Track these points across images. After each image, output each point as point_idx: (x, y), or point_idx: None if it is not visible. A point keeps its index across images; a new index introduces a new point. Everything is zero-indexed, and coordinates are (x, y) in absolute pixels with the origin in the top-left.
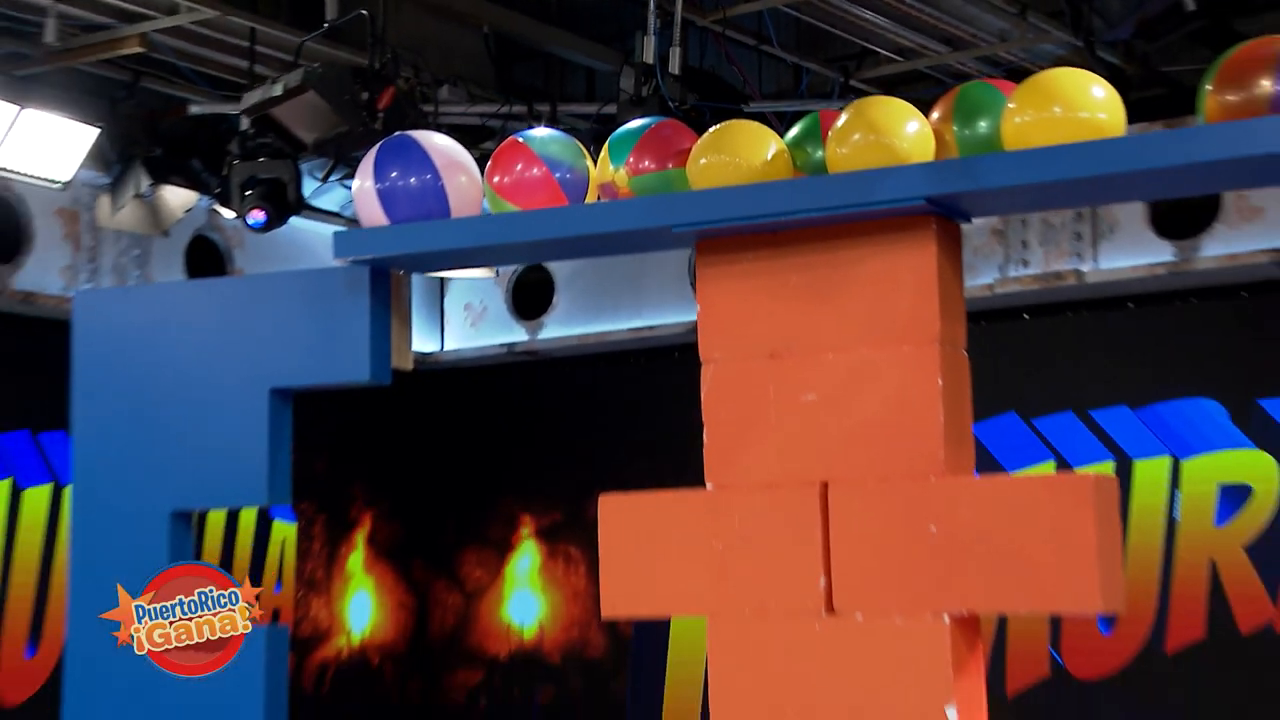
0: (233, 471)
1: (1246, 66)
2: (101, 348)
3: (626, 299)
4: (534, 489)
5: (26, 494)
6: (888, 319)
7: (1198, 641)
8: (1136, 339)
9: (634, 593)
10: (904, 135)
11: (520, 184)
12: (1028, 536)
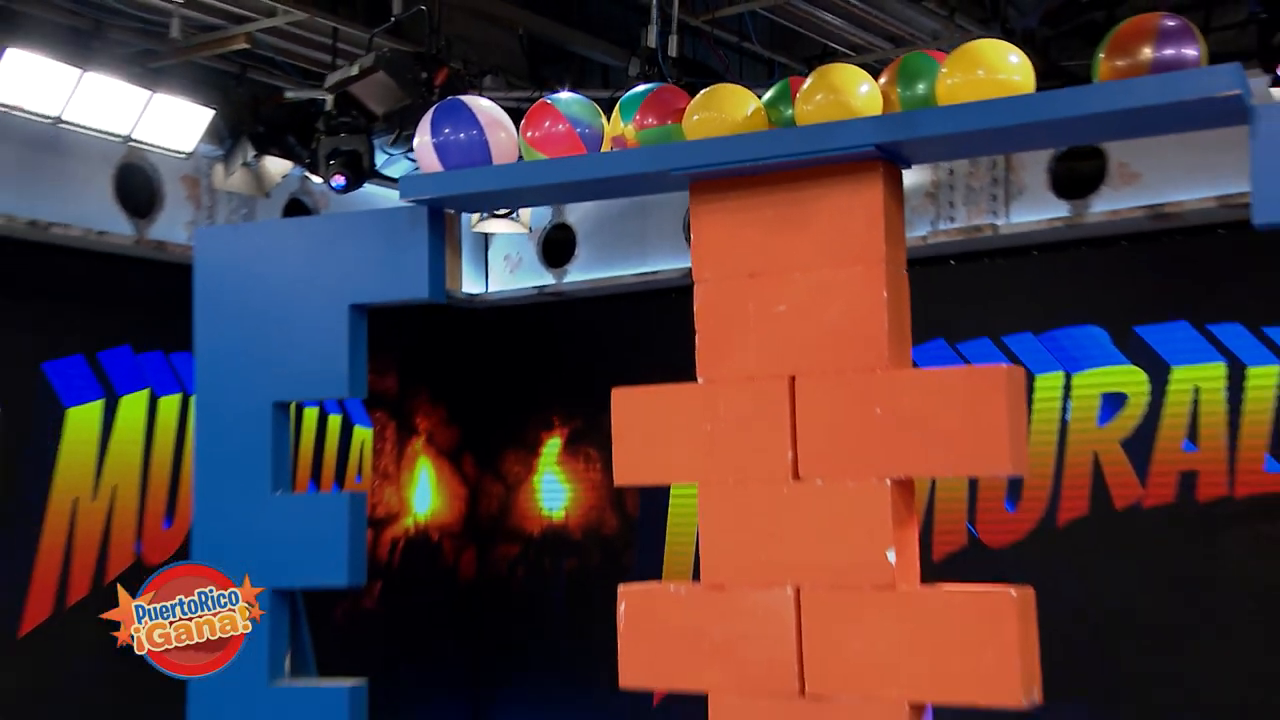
0: (321, 370)
1: (1131, 38)
2: (216, 275)
3: (634, 250)
4: (559, 402)
5: (161, 401)
6: (843, 244)
7: (1083, 516)
8: (1039, 279)
9: (640, 465)
10: (857, 95)
11: (548, 137)
12: (953, 415)
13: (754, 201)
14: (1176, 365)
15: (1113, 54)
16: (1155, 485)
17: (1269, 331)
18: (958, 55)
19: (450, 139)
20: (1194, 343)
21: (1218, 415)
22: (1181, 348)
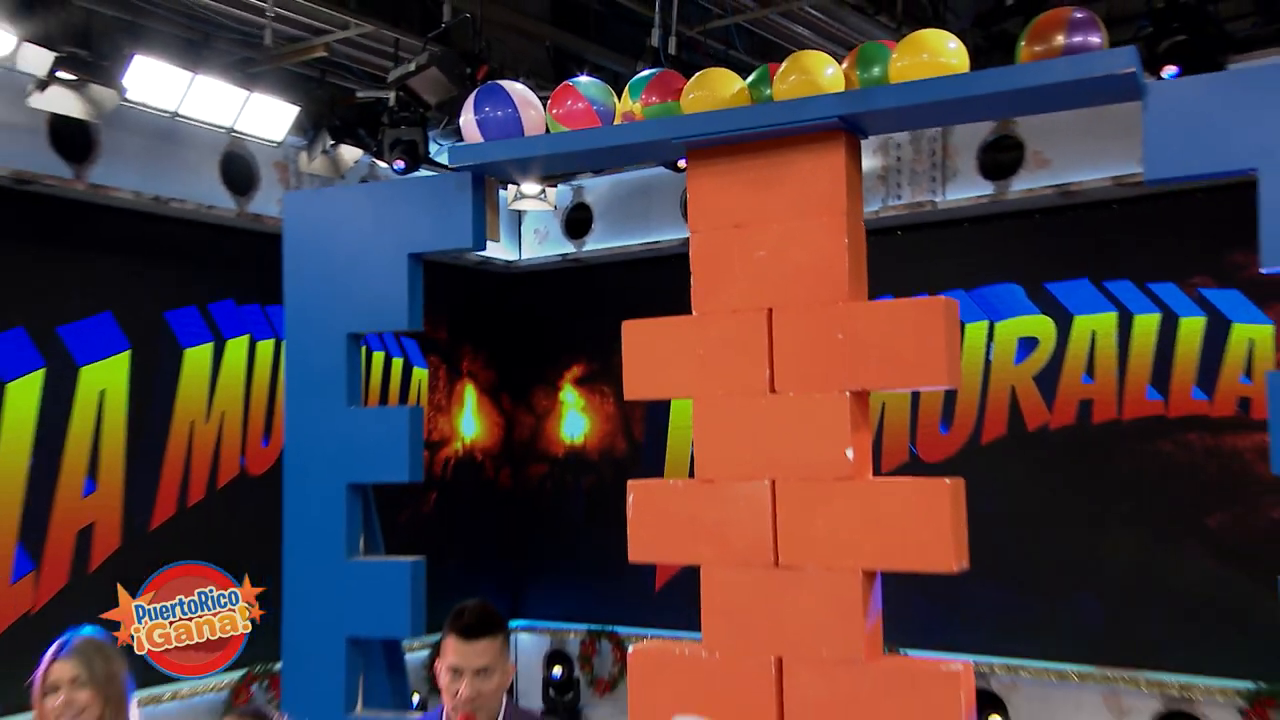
0: (386, 307)
1: (1047, 27)
2: (302, 231)
3: (639, 224)
4: (578, 348)
5: (259, 344)
6: (812, 200)
7: (1002, 436)
8: (968, 246)
9: (645, 384)
10: (824, 75)
11: (570, 114)
12: (901, 338)
13: (739, 165)
14: (1077, 315)
15: (1032, 41)
16: (1060, 411)
17: (1151, 286)
18: (906, 42)
19: (489, 116)
20: (1091, 296)
21: (1109, 355)
22: (1081, 300)
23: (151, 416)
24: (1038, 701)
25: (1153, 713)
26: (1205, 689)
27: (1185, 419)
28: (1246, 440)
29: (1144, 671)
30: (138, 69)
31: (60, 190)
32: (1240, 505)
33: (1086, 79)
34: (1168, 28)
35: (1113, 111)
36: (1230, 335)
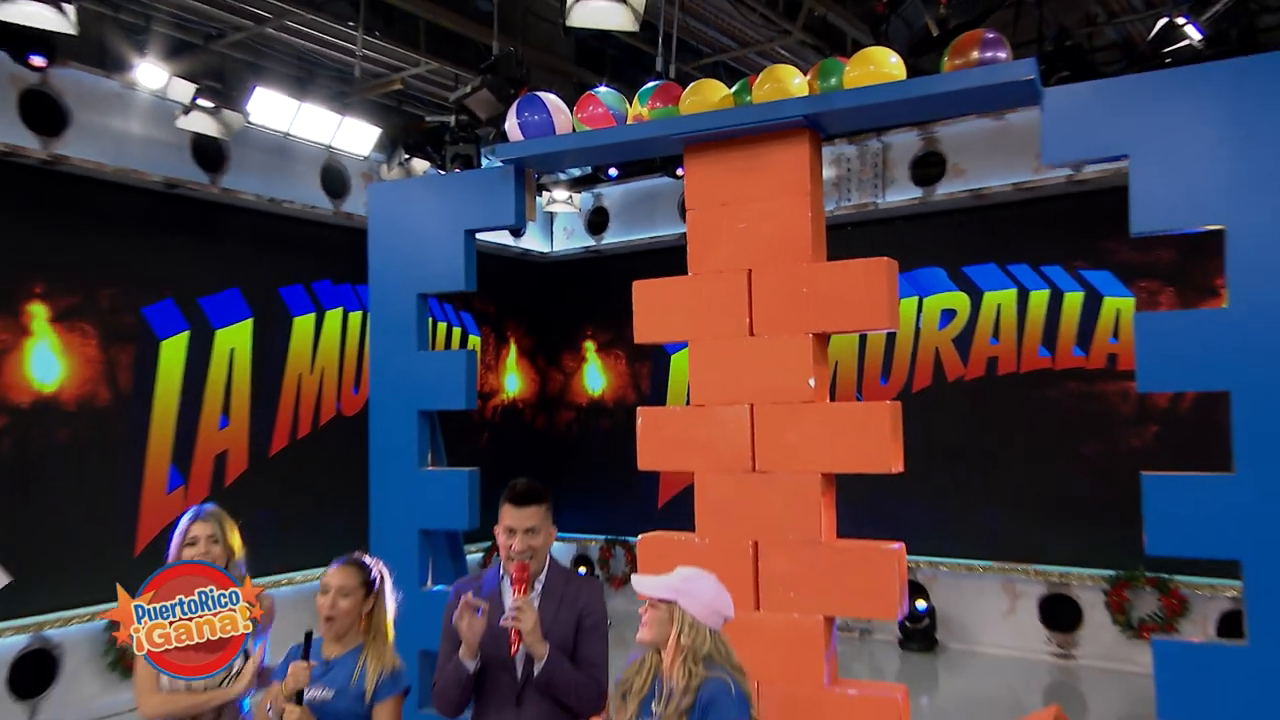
0: (447, 272)
1: (965, 45)
2: (383, 213)
3: (645, 223)
4: (598, 321)
5: (350, 314)
6: (782, 182)
7: (928, 385)
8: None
9: (651, 330)
10: (792, 84)
11: (591, 117)
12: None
13: (725, 156)
14: (986, 291)
15: (953, 56)
16: (972, 366)
17: (1043, 269)
18: (857, 58)
19: (528, 119)
20: (997, 276)
21: (1011, 322)
22: (989, 280)
23: (269, 369)
24: (952, 589)
25: (1038, 595)
26: (1078, 576)
27: (1067, 371)
28: (1113, 387)
29: (1032, 564)
30: (258, 98)
31: (200, 193)
32: (1107, 436)
33: (996, 84)
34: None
35: (1013, 132)
36: (1102, 306)
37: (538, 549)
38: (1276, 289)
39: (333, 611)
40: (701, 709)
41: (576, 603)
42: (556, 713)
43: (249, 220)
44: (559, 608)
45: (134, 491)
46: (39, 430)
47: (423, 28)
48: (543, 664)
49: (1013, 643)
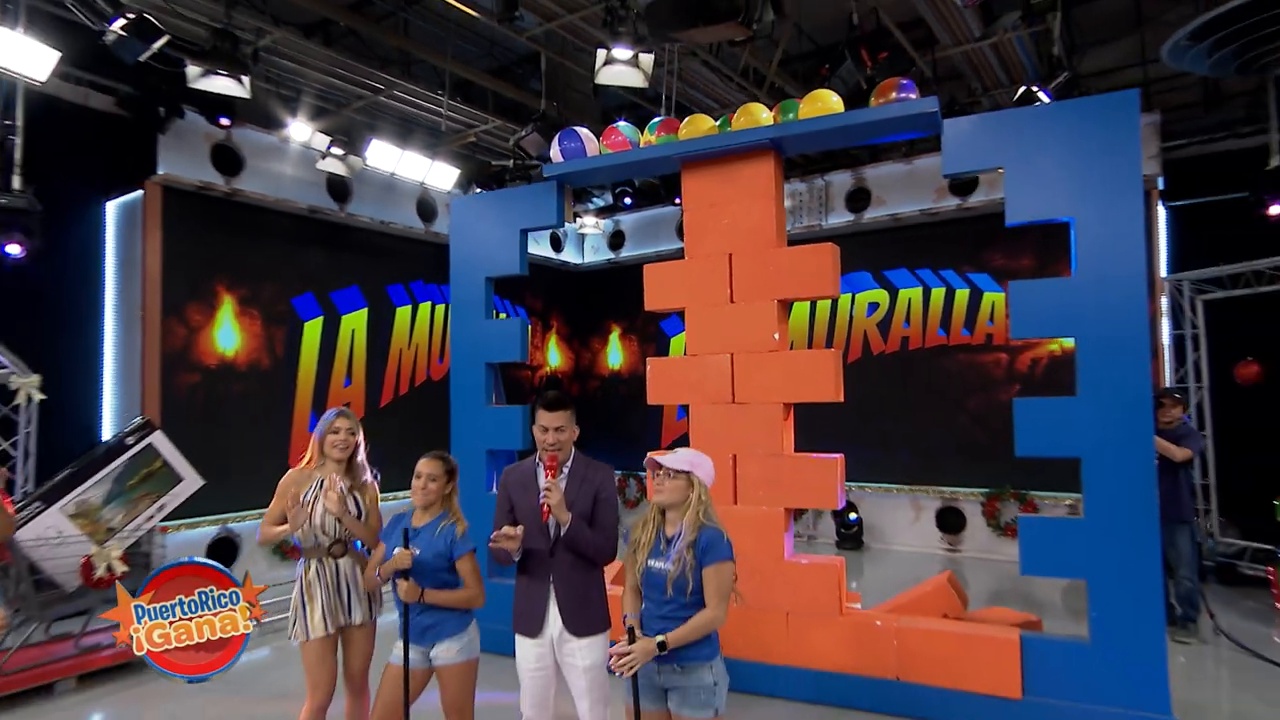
0: (507, 261)
1: (886, 88)
2: (461, 219)
3: (652, 241)
4: (617, 315)
5: (437, 306)
6: (754, 189)
7: (859, 358)
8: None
9: (658, 299)
10: (761, 116)
11: (613, 143)
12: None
13: (712, 170)
14: (901, 288)
15: (878, 95)
16: (891, 343)
17: (941, 272)
18: (808, 97)
19: (567, 146)
20: (908, 278)
21: (918, 311)
22: (902, 280)
23: (379, 344)
24: (875, 506)
25: (935, 508)
26: (964, 494)
27: (958, 346)
28: (989, 358)
29: (931, 486)
30: (373, 148)
31: (332, 217)
32: (985, 392)
33: (910, 115)
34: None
35: (918, 173)
36: (982, 299)
37: (564, 443)
38: (1108, 263)
39: (424, 491)
40: (702, 548)
41: (594, 483)
42: (579, 563)
43: (365, 237)
44: (581, 486)
45: (285, 429)
46: (222, 384)
47: (490, 97)
48: (567, 528)
49: (917, 543)
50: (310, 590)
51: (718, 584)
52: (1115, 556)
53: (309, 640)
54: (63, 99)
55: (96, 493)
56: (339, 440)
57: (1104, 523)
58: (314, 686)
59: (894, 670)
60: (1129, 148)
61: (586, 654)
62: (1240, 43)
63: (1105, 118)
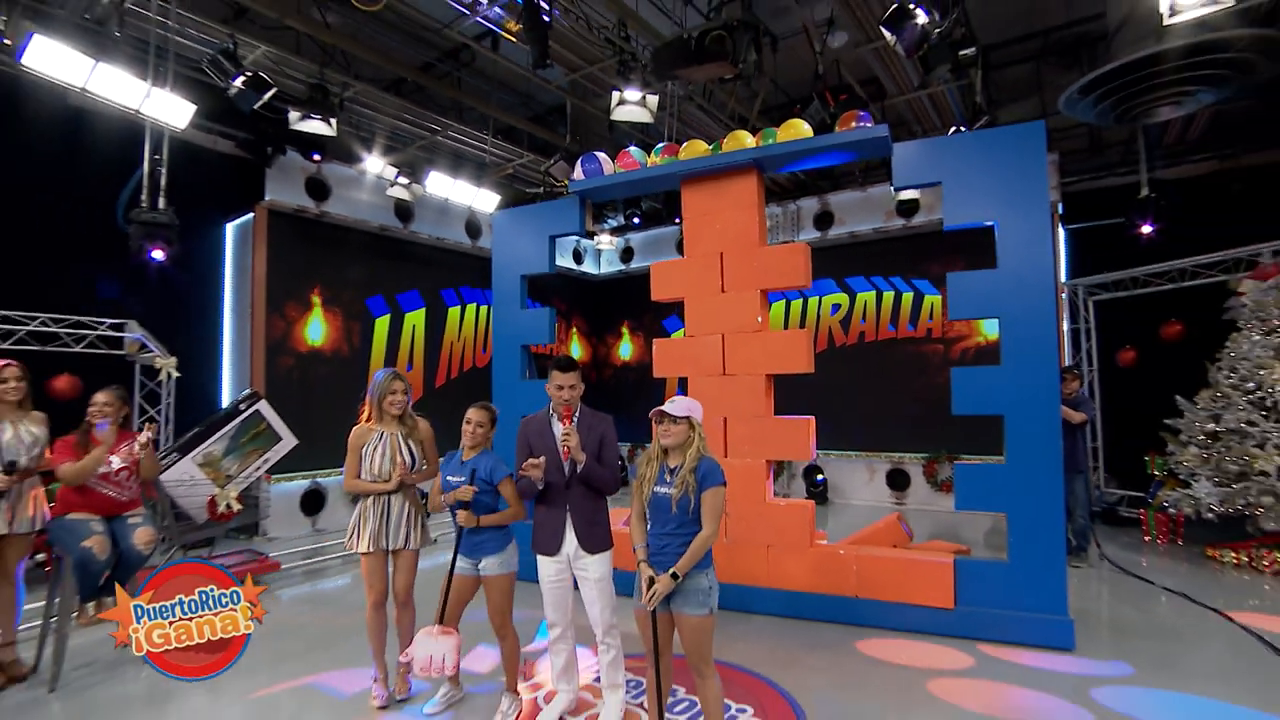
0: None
1: (848, 118)
2: (502, 227)
3: (656, 254)
4: (628, 316)
5: (481, 307)
6: (741, 200)
7: (824, 349)
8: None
9: (662, 290)
10: (746, 141)
11: (626, 164)
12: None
13: (706, 185)
14: (859, 292)
15: (841, 124)
16: (851, 337)
17: (890, 279)
18: (784, 126)
19: (588, 167)
20: (864, 283)
21: (872, 310)
22: (860, 285)
23: (434, 337)
24: (837, 469)
25: (885, 470)
26: (909, 458)
27: (905, 339)
28: (930, 348)
29: (882, 453)
30: (431, 179)
31: (397, 235)
32: (925, 377)
33: (866, 139)
34: None
35: (873, 199)
36: (924, 300)
37: (575, 398)
38: (1024, 257)
39: (472, 434)
40: (702, 474)
41: (599, 429)
42: (589, 493)
43: (424, 251)
44: (589, 432)
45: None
46: (311, 368)
47: (525, 137)
48: (582, 465)
49: (870, 498)
50: (365, 515)
51: (712, 505)
52: (1029, 494)
53: (360, 553)
54: (195, 143)
55: (218, 447)
56: (397, 400)
57: (1021, 468)
58: (369, 588)
59: (854, 589)
60: (1037, 167)
61: (596, 567)
62: (1116, 98)
63: (1019, 144)
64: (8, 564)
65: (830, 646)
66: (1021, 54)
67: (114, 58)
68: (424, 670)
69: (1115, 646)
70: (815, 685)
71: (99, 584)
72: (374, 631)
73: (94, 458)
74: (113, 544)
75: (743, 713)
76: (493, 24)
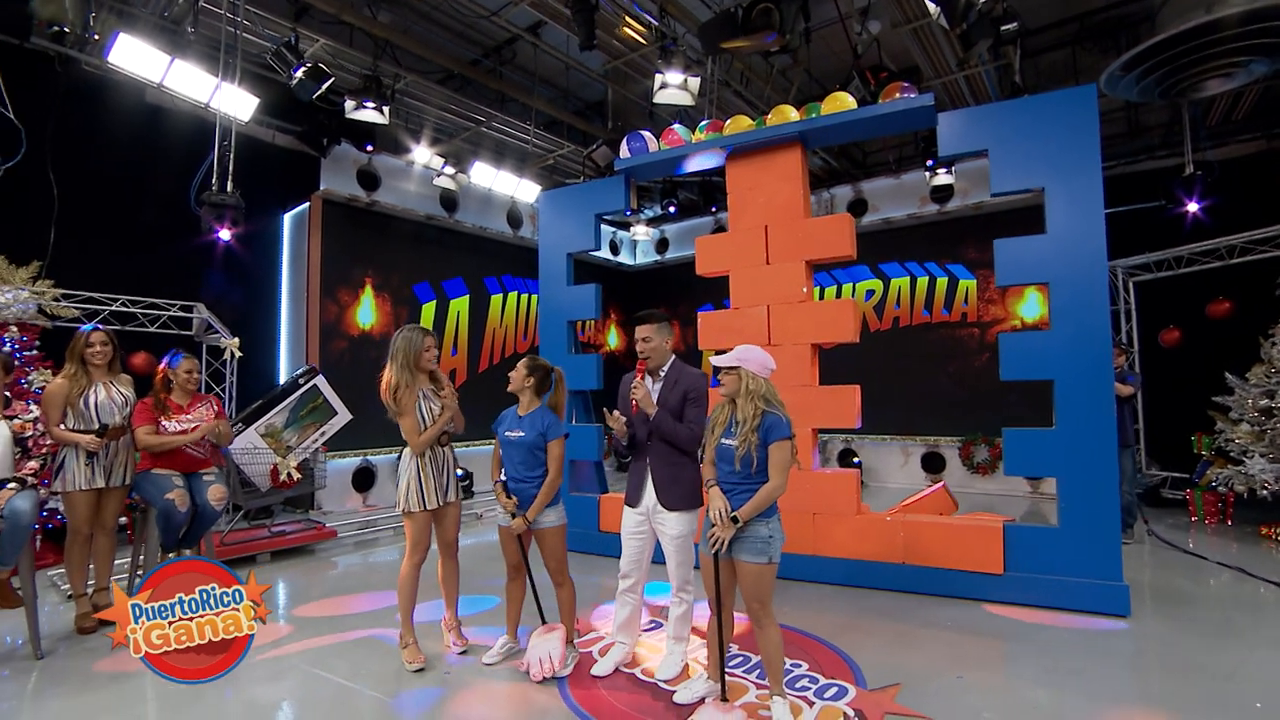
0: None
1: (892, 89)
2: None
3: (690, 245)
4: (665, 304)
5: (522, 295)
6: (786, 174)
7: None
8: None
9: (708, 265)
10: (791, 115)
11: (670, 141)
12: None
13: (752, 159)
14: (892, 278)
15: (885, 96)
16: (885, 322)
17: (925, 264)
18: (828, 99)
19: (633, 145)
20: (898, 269)
21: (906, 295)
22: (894, 271)
23: (477, 324)
24: (873, 452)
25: (920, 453)
26: (944, 440)
27: (939, 323)
28: (964, 332)
29: (917, 436)
30: (475, 169)
31: (443, 224)
32: (960, 360)
33: (911, 109)
34: None
35: (906, 186)
36: (959, 285)
37: (652, 350)
38: (1073, 220)
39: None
40: (764, 430)
41: (684, 385)
42: (672, 451)
43: (468, 239)
44: (674, 388)
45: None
46: (362, 350)
47: (565, 127)
48: (652, 418)
49: (905, 481)
50: (425, 473)
51: (779, 458)
52: (1081, 459)
53: (415, 512)
54: (256, 138)
55: (279, 419)
56: (433, 356)
57: (1072, 432)
58: (414, 546)
59: (901, 556)
60: (1090, 130)
61: (675, 525)
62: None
63: (1071, 107)
64: (107, 516)
65: (880, 611)
66: (1057, 39)
67: (186, 54)
68: (536, 673)
69: (1171, 615)
70: (869, 645)
71: (179, 535)
72: (410, 593)
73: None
74: (190, 499)
75: (797, 667)
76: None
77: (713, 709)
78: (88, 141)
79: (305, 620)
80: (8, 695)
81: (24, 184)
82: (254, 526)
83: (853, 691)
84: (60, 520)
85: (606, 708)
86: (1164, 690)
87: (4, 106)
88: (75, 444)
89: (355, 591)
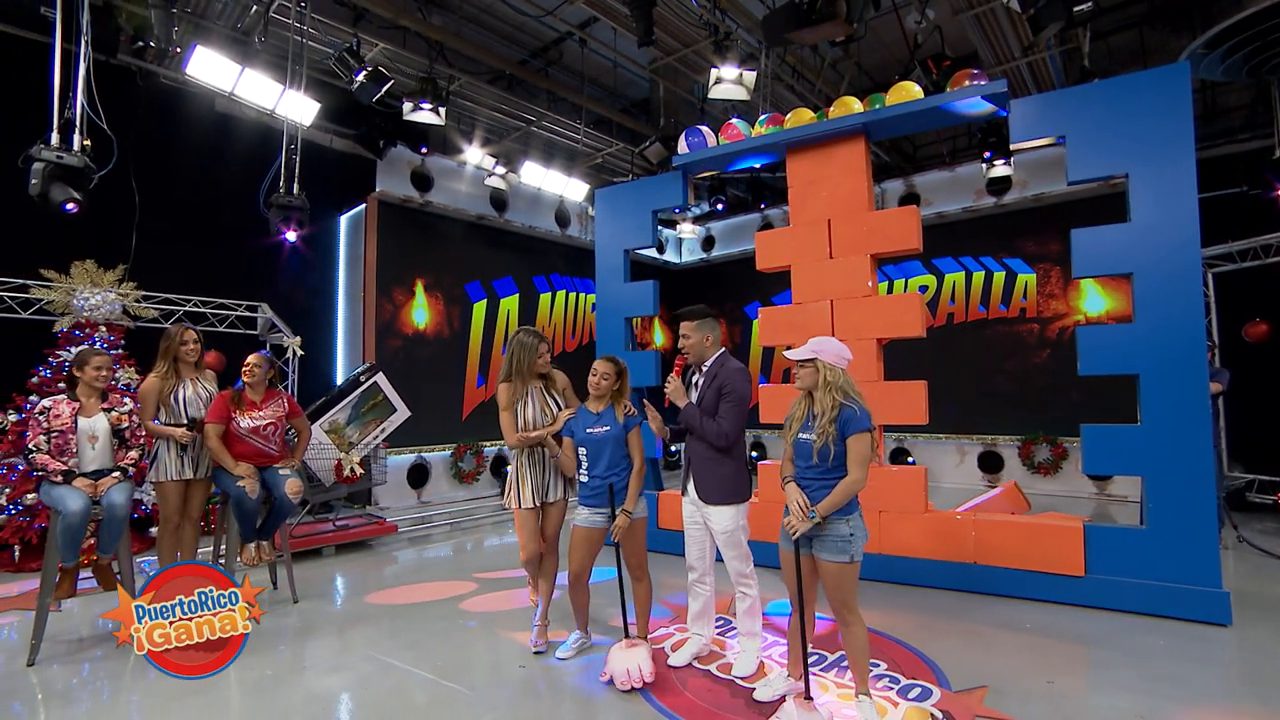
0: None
1: (960, 77)
2: (604, 204)
3: (736, 243)
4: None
5: (570, 294)
6: (849, 166)
7: None
8: None
9: (767, 259)
10: (854, 106)
11: (730, 135)
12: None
13: (813, 152)
14: (946, 273)
15: (953, 84)
16: (939, 318)
17: (981, 259)
18: (893, 89)
19: (691, 140)
20: (952, 264)
21: (961, 290)
22: (948, 266)
23: (527, 322)
24: (927, 451)
25: (977, 453)
26: (1002, 439)
27: (996, 319)
28: (1023, 328)
29: (973, 435)
30: (526, 169)
31: (493, 223)
32: (1019, 357)
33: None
34: None
35: (960, 179)
36: (1016, 279)
37: (692, 347)
38: (1159, 209)
39: (597, 385)
40: (844, 421)
41: (719, 379)
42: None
43: (517, 239)
44: (712, 383)
45: (459, 384)
46: (416, 349)
47: (614, 126)
48: (681, 412)
49: (961, 481)
50: (523, 472)
51: (858, 451)
52: (1170, 456)
53: (519, 509)
54: (315, 142)
55: (341, 416)
56: (546, 362)
57: (1160, 429)
58: (524, 543)
59: (972, 556)
60: (1182, 112)
61: (718, 519)
62: (1251, 48)
63: (1160, 88)
64: (193, 506)
65: (952, 611)
66: (1124, 20)
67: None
68: (624, 682)
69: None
70: (946, 646)
71: (256, 525)
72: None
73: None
74: (267, 492)
75: (876, 666)
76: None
77: (796, 707)
78: (164, 150)
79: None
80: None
81: (109, 192)
82: (318, 520)
83: (937, 693)
84: (144, 510)
85: (688, 705)
86: (1275, 702)
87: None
88: (169, 437)
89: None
